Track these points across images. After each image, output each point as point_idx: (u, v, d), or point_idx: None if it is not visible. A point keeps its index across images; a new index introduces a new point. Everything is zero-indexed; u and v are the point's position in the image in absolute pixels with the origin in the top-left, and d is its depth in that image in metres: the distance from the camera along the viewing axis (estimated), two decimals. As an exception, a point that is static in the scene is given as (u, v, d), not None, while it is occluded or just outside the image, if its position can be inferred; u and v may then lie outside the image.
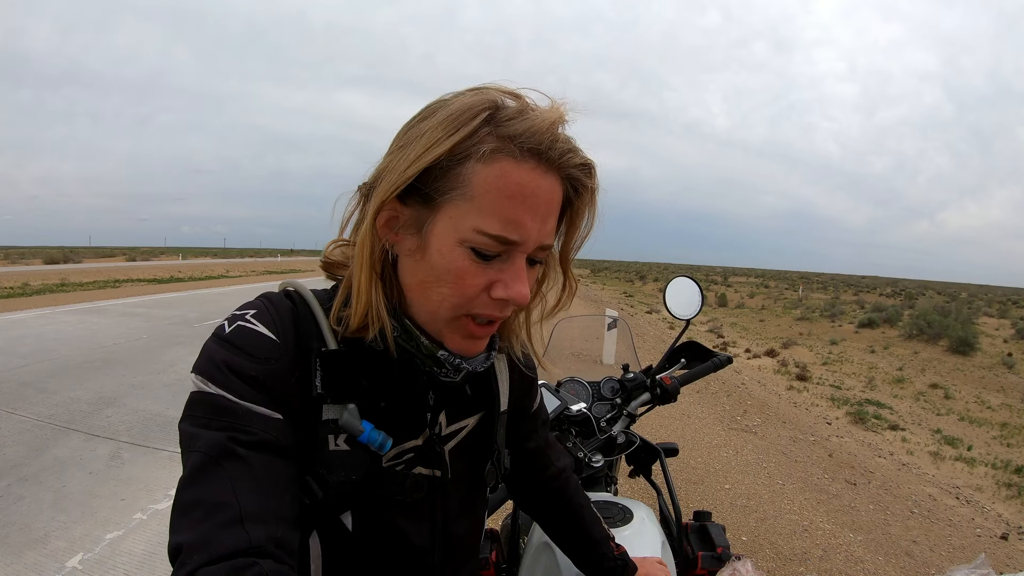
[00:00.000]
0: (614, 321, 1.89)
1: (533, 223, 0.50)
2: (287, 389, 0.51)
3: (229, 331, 0.51)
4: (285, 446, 0.49)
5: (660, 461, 1.25)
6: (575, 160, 0.52)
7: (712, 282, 40.99)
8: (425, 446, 0.61)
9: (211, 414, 0.47)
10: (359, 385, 0.55)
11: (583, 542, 0.84)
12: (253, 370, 0.49)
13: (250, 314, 0.52)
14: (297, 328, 0.54)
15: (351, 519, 0.55)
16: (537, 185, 0.49)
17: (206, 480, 0.44)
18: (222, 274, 25.03)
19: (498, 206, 0.48)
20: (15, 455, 3.26)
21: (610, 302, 17.73)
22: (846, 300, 26.68)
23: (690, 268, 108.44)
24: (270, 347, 0.51)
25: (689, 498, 3.27)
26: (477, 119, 0.48)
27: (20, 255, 42.97)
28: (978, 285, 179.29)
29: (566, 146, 0.50)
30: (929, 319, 13.25)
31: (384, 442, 0.54)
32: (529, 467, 0.82)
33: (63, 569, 2.20)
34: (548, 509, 0.85)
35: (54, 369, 5.31)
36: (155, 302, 11.98)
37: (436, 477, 0.62)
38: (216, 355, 0.49)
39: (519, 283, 0.51)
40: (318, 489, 0.52)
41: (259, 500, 0.44)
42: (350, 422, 0.53)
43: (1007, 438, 5.58)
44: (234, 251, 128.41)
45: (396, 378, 0.58)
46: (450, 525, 0.64)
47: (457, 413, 0.64)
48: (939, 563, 2.76)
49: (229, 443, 0.45)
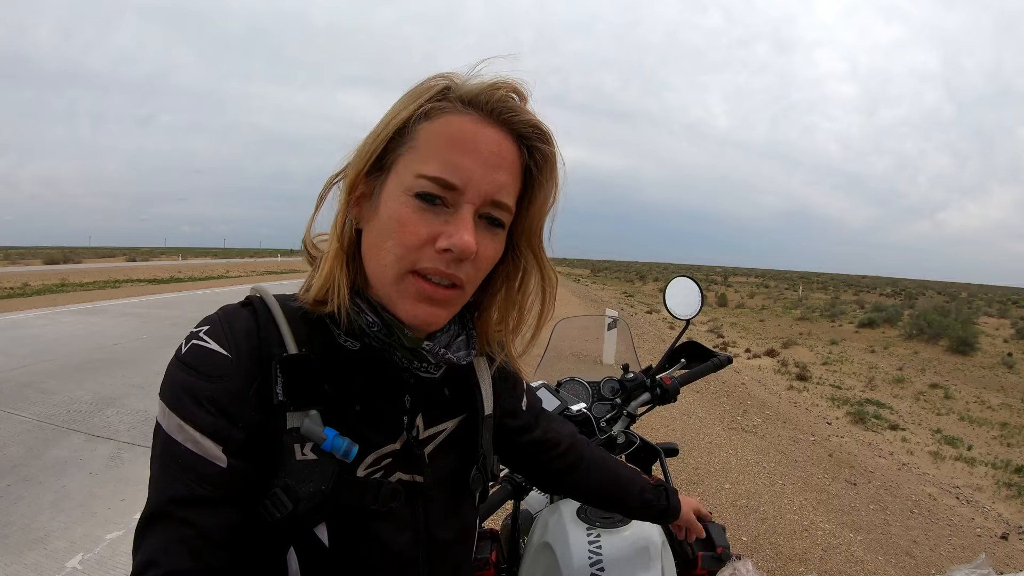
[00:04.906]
0: (614, 321, 1.89)
1: (476, 167, 0.50)
2: (243, 405, 0.50)
3: (185, 351, 0.51)
4: (225, 496, 0.49)
5: (660, 461, 1.25)
6: (522, 117, 0.53)
7: (712, 282, 41.00)
8: (404, 450, 0.59)
9: (162, 456, 0.50)
10: (323, 390, 0.53)
11: (621, 491, 0.86)
12: (207, 390, 0.49)
13: (203, 331, 0.52)
14: (253, 337, 0.53)
15: (326, 532, 0.54)
16: (480, 131, 0.51)
17: (147, 537, 0.48)
18: (222, 274, 25.02)
19: (439, 150, 0.50)
20: (15, 455, 3.25)
21: (610, 302, 17.73)
22: (846, 300, 26.67)
23: (690, 268, 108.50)
24: (222, 364, 0.50)
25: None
26: (433, 89, 0.52)
27: (20, 255, 42.98)
28: (978, 285, 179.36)
29: (511, 103, 0.52)
30: (929, 319, 13.25)
31: (349, 449, 0.52)
32: (545, 454, 0.81)
33: (63, 569, 2.20)
34: (577, 480, 0.84)
35: (54, 369, 5.31)
36: (155, 302, 11.97)
37: (417, 483, 0.60)
38: (175, 379, 0.51)
39: (463, 231, 0.50)
40: (287, 502, 0.50)
41: (188, 559, 0.46)
42: (311, 429, 0.51)
43: (1007, 438, 5.57)
44: (234, 251, 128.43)
45: (369, 380, 0.56)
46: (434, 532, 0.61)
47: (435, 416, 0.62)
48: (939, 563, 2.76)
49: (168, 505, 0.48)
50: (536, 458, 0.81)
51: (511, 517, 1.16)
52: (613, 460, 0.89)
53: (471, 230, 0.50)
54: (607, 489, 0.86)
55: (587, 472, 0.84)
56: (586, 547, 0.93)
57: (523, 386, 0.80)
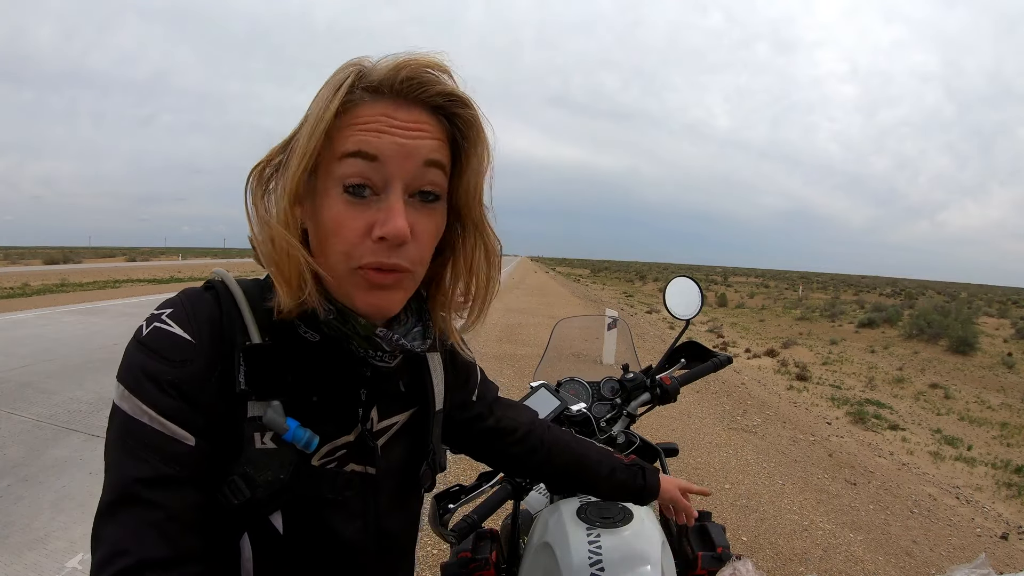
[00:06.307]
0: (614, 321, 1.89)
1: (395, 137, 0.50)
2: (204, 391, 0.50)
3: (146, 333, 0.51)
4: (192, 476, 0.48)
5: (660, 461, 1.25)
6: (434, 89, 0.51)
7: (712, 282, 40.99)
8: (357, 442, 0.60)
9: (123, 437, 0.48)
10: (285, 380, 0.54)
11: (589, 471, 0.87)
12: (168, 374, 0.49)
13: (166, 314, 0.52)
14: (216, 323, 0.53)
15: (281, 519, 0.54)
16: (392, 114, 0.50)
17: (110, 524, 0.45)
18: (222, 274, 24.99)
19: (356, 133, 0.50)
20: (15, 455, 3.25)
21: (610, 302, 17.72)
22: (846, 300, 26.67)
23: (690, 268, 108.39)
24: (185, 348, 0.50)
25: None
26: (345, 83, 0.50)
27: (20, 255, 42.97)
28: (978, 285, 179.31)
29: (421, 78, 0.51)
30: (929, 319, 13.25)
31: (310, 440, 0.53)
32: (501, 441, 0.84)
33: (63, 569, 2.20)
34: (540, 463, 0.86)
35: (54, 369, 5.30)
36: (155, 302, 11.86)
37: (369, 474, 0.61)
38: (134, 360, 0.50)
39: (394, 217, 0.49)
40: (246, 489, 0.50)
41: (160, 544, 0.45)
42: (274, 419, 0.51)
43: (1007, 438, 5.57)
44: (234, 251, 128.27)
45: (327, 372, 0.57)
46: (383, 522, 0.63)
47: (389, 408, 0.63)
48: (939, 563, 2.76)
49: (133, 486, 0.46)
50: (492, 445, 0.84)
51: (511, 517, 1.16)
52: (581, 442, 0.90)
53: (402, 213, 0.50)
54: (573, 471, 0.87)
55: (549, 455, 0.86)
56: (586, 547, 0.93)
57: (476, 378, 0.81)
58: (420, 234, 0.52)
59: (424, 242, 0.53)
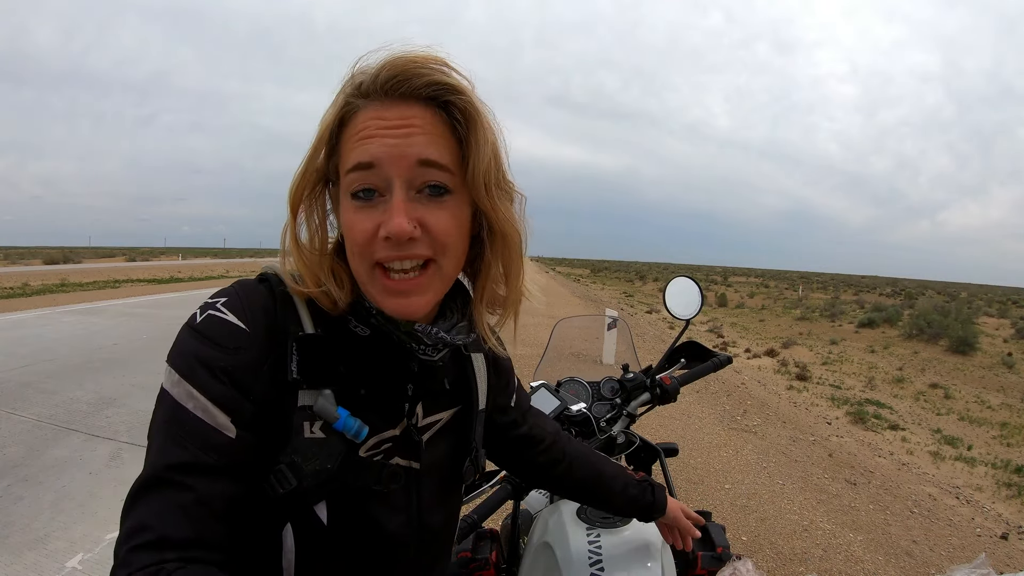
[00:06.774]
0: (614, 321, 1.89)
1: (385, 143, 0.50)
2: (256, 379, 0.51)
3: (200, 320, 0.52)
4: (228, 467, 0.48)
5: (660, 461, 1.25)
6: (421, 81, 0.51)
7: (712, 282, 40.98)
8: (403, 436, 0.60)
9: (168, 423, 0.49)
10: (336, 371, 0.55)
11: (604, 486, 0.87)
12: (221, 361, 0.50)
13: (221, 302, 0.53)
14: (271, 313, 0.54)
15: (326, 510, 0.55)
16: (382, 115, 0.51)
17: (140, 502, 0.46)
18: (222, 274, 25.00)
19: (355, 145, 0.52)
20: (15, 455, 3.26)
21: (610, 302, 17.72)
22: (846, 300, 26.67)
23: (690, 268, 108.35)
24: (239, 336, 0.51)
25: (689, 498, 3.27)
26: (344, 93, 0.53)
27: (20, 255, 42.96)
28: (978, 285, 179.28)
29: (407, 71, 0.51)
30: (929, 319, 13.25)
31: (360, 430, 0.54)
32: (531, 450, 0.84)
33: (63, 569, 2.20)
34: (560, 475, 0.86)
35: (54, 369, 5.30)
36: (155, 302, 11.97)
37: (413, 468, 0.62)
38: (187, 346, 0.51)
39: (394, 215, 0.50)
40: (292, 478, 0.51)
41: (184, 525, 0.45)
42: (325, 408, 0.52)
43: (1007, 438, 5.57)
44: (234, 251, 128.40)
45: (376, 365, 0.58)
46: (425, 517, 0.64)
47: (433, 406, 0.65)
48: (939, 563, 2.76)
49: (168, 471, 0.46)
50: (521, 454, 0.84)
51: (511, 517, 1.16)
52: (597, 456, 0.91)
53: (401, 212, 0.50)
54: (590, 484, 0.88)
55: (569, 468, 0.86)
56: (586, 547, 0.93)
57: (515, 384, 0.82)
58: (432, 227, 0.52)
59: (438, 234, 0.53)
